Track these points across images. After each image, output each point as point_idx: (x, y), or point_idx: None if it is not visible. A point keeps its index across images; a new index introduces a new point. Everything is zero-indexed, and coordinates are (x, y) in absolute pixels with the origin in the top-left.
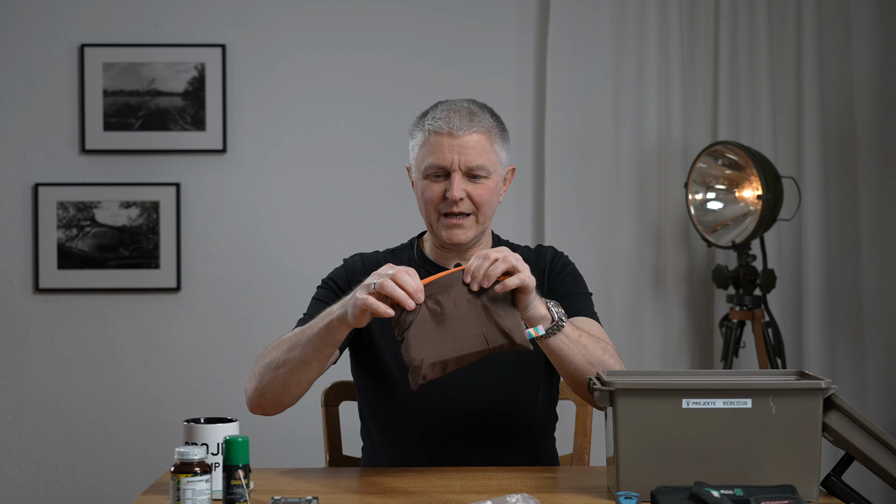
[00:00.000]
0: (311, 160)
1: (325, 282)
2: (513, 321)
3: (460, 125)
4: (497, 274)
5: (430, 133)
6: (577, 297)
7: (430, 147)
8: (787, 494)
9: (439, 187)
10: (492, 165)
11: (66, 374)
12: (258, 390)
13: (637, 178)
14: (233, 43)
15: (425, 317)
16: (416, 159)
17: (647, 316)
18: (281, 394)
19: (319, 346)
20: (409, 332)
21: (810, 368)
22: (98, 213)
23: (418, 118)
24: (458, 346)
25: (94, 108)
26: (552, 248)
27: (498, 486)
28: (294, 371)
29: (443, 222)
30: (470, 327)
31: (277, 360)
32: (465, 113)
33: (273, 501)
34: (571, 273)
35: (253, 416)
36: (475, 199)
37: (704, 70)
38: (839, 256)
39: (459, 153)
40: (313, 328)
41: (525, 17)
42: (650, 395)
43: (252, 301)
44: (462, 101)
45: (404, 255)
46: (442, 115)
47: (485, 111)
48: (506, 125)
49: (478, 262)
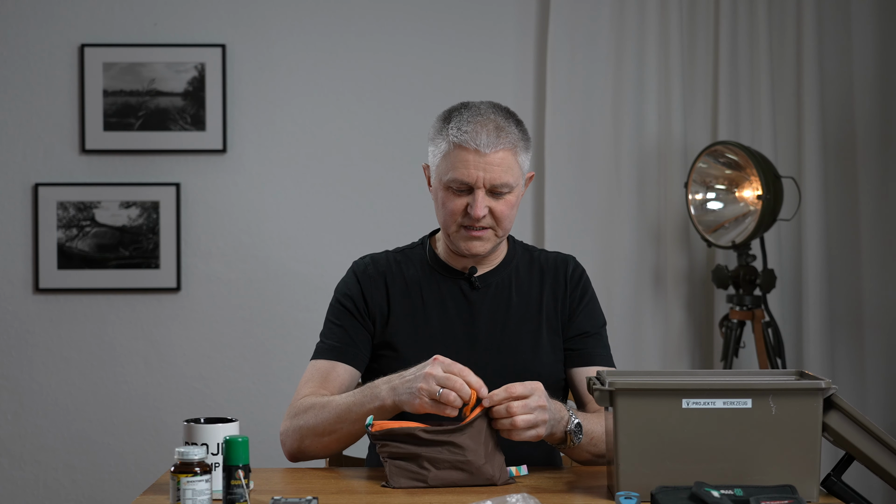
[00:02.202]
0: (311, 160)
1: (339, 300)
2: (500, 465)
3: (487, 142)
4: (502, 429)
5: (456, 146)
6: (594, 343)
7: (453, 160)
8: (787, 494)
9: (461, 201)
10: (515, 181)
11: (66, 374)
12: (300, 450)
13: (637, 178)
14: (233, 43)
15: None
16: (437, 167)
17: (647, 316)
18: (323, 454)
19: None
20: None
21: (810, 368)
22: (98, 213)
23: (441, 122)
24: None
25: (94, 108)
26: (573, 260)
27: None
28: (339, 442)
29: (462, 234)
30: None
31: (321, 428)
32: (493, 128)
33: (273, 501)
34: (590, 303)
35: (253, 416)
36: (496, 215)
37: (704, 70)
38: (839, 256)
39: (485, 170)
40: (362, 406)
41: (525, 17)
42: (650, 395)
43: (252, 301)
44: (489, 111)
45: (415, 255)
46: (469, 127)
47: (510, 122)
48: (527, 129)
49: (496, 410)
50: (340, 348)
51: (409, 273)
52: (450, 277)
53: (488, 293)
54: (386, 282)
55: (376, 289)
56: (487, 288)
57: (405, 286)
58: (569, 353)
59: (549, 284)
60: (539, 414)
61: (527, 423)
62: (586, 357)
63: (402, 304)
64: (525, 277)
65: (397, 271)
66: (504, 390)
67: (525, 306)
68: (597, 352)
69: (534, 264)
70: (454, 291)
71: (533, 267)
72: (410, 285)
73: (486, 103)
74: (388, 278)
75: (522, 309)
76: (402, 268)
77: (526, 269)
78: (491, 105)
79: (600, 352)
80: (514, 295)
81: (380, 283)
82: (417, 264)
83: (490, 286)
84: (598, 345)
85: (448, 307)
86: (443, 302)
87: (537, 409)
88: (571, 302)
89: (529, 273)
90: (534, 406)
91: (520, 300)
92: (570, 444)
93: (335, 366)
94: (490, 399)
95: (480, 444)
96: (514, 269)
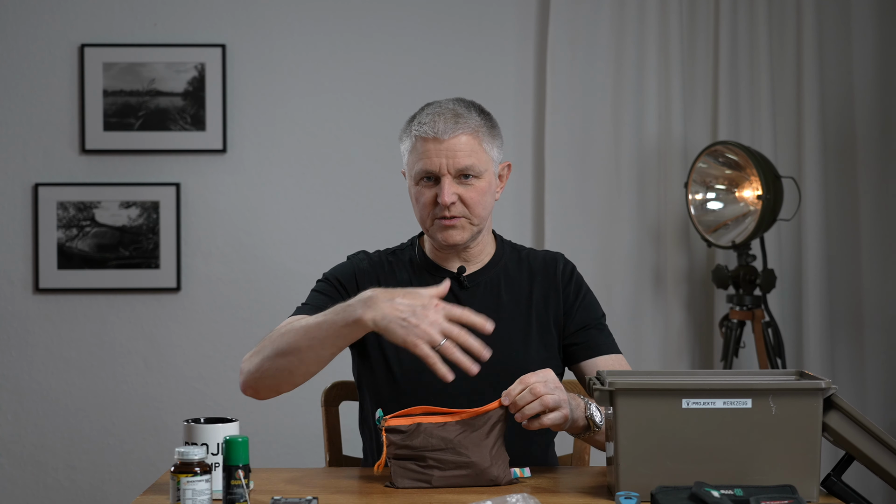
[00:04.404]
0: (311, 160)
1: (328, 277)
2: (504, 466)
3: (445, 128)
4: (530, 415)
5: (417, 139)
6: (596, 332)
7: (418, 153)
8: (787, 494)
9: (431, 192)
10: (482, 165)
11: (66, 374)
12: (257, 372)
13: (637, 178)
14: (233, 43)
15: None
16: (407, 165)
17: (647, 316)
18: (282, 381)
19: (336, 341)
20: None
21: (810, 368)
22: (98, 213)
23: (406, 123)
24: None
25: (94, 108)
26: (562, 258)
27: (498, 486)
28: (303, 362)
29: (437, 225)
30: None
31: (284, 346)
32: (451, 115)
33: (273, 501)
34: (586, 297)
35: (253, 416)
36: (467, 201)
37: (704, 70)
38: (839, 256)
39: (447, 157)
40: (333, 323)
41: (525, 17)
42: (650, 395)
43: (252, 301)
44: (448, 103)
45: (405, 256)
46: (427, 119)
47: (471, 110)
48: (496, 122)
49: (521, 396)
50: (318, 309)
51: (399, 274)
52: (439, 277)
53: (478, 292)
54: (378, 279)
55: (369, 282)
56: (477, 287)
57: (396, 286)
58: (574, 349)
59: (539, 282)
60: (560, 393)
61: (555, 401)
62: (592, 348)
63: None
64: (514, 275)
65: (389, 271)
66: (519, 382)
67: (515, 304)
68: (601, 340)
69: (522, 263)
70: None
71: (522, 265)
72: (401, 285)
73: (449, 98)
74: (381, 277)
75: (512, 306)
76: (393, 269)
77: (515, 267)
78: (453, 99)
79: (604, 340)
80: (504, 293)
81: (373, 278)
82: (407, 264)
83: (479, 285)
84: (600, 334)
85: None
86: None
87: (556, 389)
88: (566, 299)
89: (518, 271)
90: (553, 387)
91: (509, 298)
92: (593, 429)
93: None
94: (509, 394)
95: (486, 445)
96: (503, 268)
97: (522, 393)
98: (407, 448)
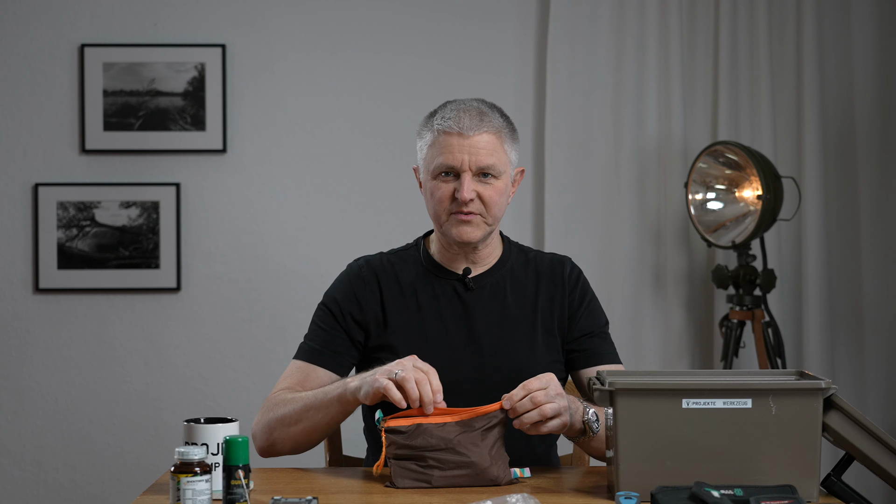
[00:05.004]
0: (311, 160)
1: (327, 304)
2: (504, 466)
3: (470, 125)
4: (529, 423)
5: (440, 133)
6: (599, 341)
7: (439, 147)
8: (787, 494)
9: (449, 187)
10: (502, 166)
11: (66, 374)
12: (269, 443)
13: (637, 178)
14: (233, 43)
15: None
16: (424, 159)
17: (647, 316)
18: (293, 448)
19: (333, 414)
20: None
21: (810, 368)
22: (98, 213)
23: (426, 118)
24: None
25: (94, 108)
26: (570, 262)
27: (498, 486)
28: (306, 433)
29: (452, 219)
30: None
31: (290, 418)
32: (475, 112)
33: (273, 501)
34: (591, 304)
35: (253, 416)
36: (485, 200)
37: (704, 70)
38: (839, 256)
39: (470, 153)
40: (326, 395)
41: (525, 17)
42: (650, 395)
43: (252, 301)
44: (471, 101)
45: (409, 257)
46: (451, 114)
47: (494, 111)
48: (515, 126)
49: (521, 403)
50: (321, 352)
51: (403, 275)
52: (444, 278)
53: (483, 294)
54: (380, 285)
55: (370, 292)
56: (482, 289)
57: (399, 288)
58: (575, 355)
59: (545, 285)
60: (560, 401)
61: (554, 410)
62: (593, 357)
63: (396, 306)
64: (520, 278)
65: (391, 273)
66: (522, 388)
67: (520, 307)
68: (603, 350)
69: (529, 265)
70: (448, 292)
71: (528, 268)
72: (405, 287)
73: (470, 98)
74: (383, 281)
75: (517, 309)
76: (396, 269)
77: (521, 269)
78: (475, 98)
79: (606, 349)
80: (510, 295)
81: (374, 286)
82: (412, 266)
83: (485, 287)
84: (603, 343)
85: (443, 308)
86: (437, 303)
87: (557, 396)
88: (571, 304)
89: (525, 274)
90: (553, 394)
91: (515, 301)
92: (589, 434)
93: (314, 369)
94: (510, 399)
95: (486, 445)
96: (509, 270)
97: (523, 400)
98: (407, 448)
